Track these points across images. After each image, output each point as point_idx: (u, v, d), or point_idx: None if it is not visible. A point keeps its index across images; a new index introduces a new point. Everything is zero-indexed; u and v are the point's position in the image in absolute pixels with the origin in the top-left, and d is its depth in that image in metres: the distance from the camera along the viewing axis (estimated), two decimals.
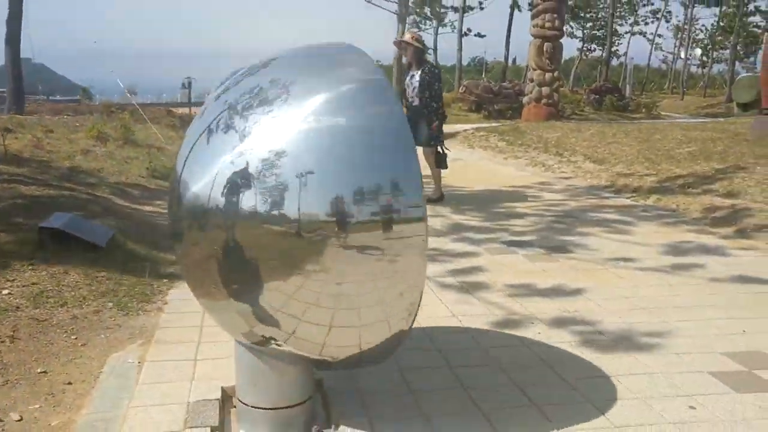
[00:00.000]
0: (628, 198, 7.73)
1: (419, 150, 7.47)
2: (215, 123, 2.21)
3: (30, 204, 5.37)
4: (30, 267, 4.04)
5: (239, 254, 2.11)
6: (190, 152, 2.25)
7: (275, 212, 2.02)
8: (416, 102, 7.11)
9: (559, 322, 3.68)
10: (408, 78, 7.26)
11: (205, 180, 2.13)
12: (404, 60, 7.49)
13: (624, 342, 3.40)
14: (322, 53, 2.45)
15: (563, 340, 3.42)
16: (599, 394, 2.83)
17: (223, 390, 2.81)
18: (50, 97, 21.19)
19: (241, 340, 2.44)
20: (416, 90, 7.08)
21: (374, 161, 2.09)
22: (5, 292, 3.66)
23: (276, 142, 2.06)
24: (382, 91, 2.23)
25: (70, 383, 2.91)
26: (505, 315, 3.80)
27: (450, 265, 4.82)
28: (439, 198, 7.44)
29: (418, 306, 2.27)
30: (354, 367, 2.72)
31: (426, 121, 7.09)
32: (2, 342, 3.15)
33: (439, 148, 7.28)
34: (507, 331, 3.56)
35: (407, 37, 7.41)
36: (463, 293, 4.18)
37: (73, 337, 3.34)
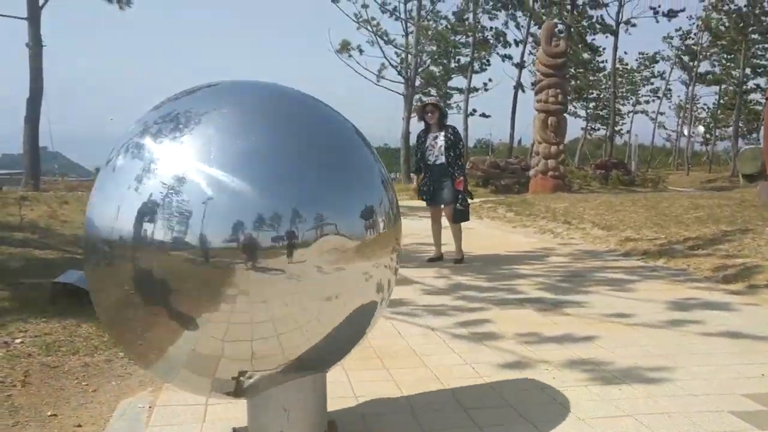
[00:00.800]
0: (637, 259, 7.72)
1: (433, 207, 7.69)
2: (123, 150, 2.16)
3: (44, 264, 5.44)
4: (43, 319, 4.06)
5: (150, 290, 2.04)
6: (95, 185, 2.21)
7: (182, 240, 1.97)
8: (441, 160, 7.37)
9: (572, 366, 3.63)
10: (431, 139, 7.47)
11: (108, 211, 2.07)
12: (423, 122, 7.68)
13: (640, 385, 3.35)
14: (243, 85, 2.43)
15: (578, 383, 3.38)
16: (615, 431, 2.78)
17: (234, 430, 2.78)
18: (64, 177, 21.64)
19: (214, 393, 2.37)
20: (442, 149, 7.37)
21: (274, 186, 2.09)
22: (18, 340, 3.67)
23: (179, 168, 2.03)
24: (282, 117, 2.27)
25: (80, 425, 2.89)
26: (517, 360, 3.76)
27: (457, 318, 4.79)
28: (461, 259, 7.58)
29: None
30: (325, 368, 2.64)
31: (452, 179, 7.37)
32: (14, 386, 3.15)
33: (459, 204, 7.45)
34: (520, 375, 3.51)
35: (433, 100, 7.86)
36: (473, 342, 4.14)
37: (84, 383, 3.33)
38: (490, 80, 33.56)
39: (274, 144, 2.18)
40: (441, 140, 7.41)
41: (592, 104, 46.53)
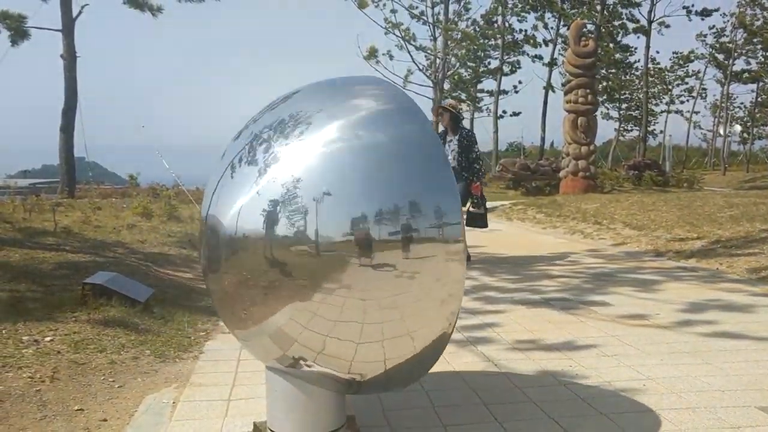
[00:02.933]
0: (668, 259, 7.59)
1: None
2: (237, 159, 2.33)
3: (75, 267, 5.56)
4: (73, 319, 4.15)
5: (266, 277, 2.18)
6: (215, 190, 2.35)
7: (298, 235, 2.09)
8: (454, 164, 7.27)
9: (596, 364, 3.59)
10: (447, 142, 7.41)
11: (231, 212, 2.22)
12: (440, 127, 7.67)
13: (665, 381, 3.29)
14: (341, 84, 2.53)
15: (601, 380, 3.34)
16: (641, 426, 2.74)
17: (255, 425, 2.80)
18: (99, 185, 22.08)
19: (273, 366, 2.46)
20: (455, 153, 7.29)
21: (395, 180, 2.16)
22: (48, 339, 3.76)
23: (295, 169, 2.15)
24: (402, 113, 2.31)
25: (105, 420, 2.94)
26: (540, 358, 3.72)
27: (482, 317, 4.76)
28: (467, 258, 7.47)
29: (451, 326, 2.27)
30: (383, 390, 2.71)
31: (467, 183, 7.27)
32: (42, 381, 3.22)
33: (471, 207, 7.36)
34: (542, 372, 3.48)
35: (446, 103, 7.73)
36: (496, 341, 4.12)
37: (110, 379, 3.39)
38: (520, 82, 33.46)
39: (388, 143, 2.22)
40: (454, 144, 7.33)
41: (624, 105, 45.90)
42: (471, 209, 7.35)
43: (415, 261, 2.12)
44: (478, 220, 7.37)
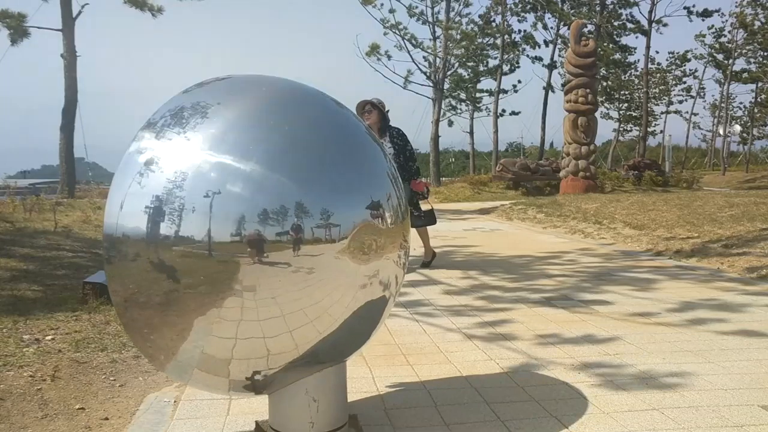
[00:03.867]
0: (669, 258, 7.59)
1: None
2: (133, 147, 2.15)
3: (75, 266, 5.56)
4: (73, 318, 4.14)
5: (158, 287, 2.01)
6: (112, 183, 2.18)
7: (186, 234, 1.96)
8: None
9: (598, 362, 3.58)
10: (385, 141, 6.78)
11: (114, 208, 2.06)
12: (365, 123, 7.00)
13: (668, 380, 3.29)
14: (250, 78, 2.42)
15: (603, 378, 3.33)
16: (641, 425, 2.73)
17: (257, 424, 2.79)
18: (100, 185, 22.08)
19: (233, 392, 2.37)
20: (391, 155, 6.63)
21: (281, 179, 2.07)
22: (49, 337, 3.75)
23: (183, 163, 2.02)
24: (290, 111, 2.25)
25: (107, 418, 2.94)
26: (542, 357, 3.72)
27: (482, 317, 4.76)
28: (432, 258, 7.22)
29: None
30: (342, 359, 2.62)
31: (410, 183, 6.77)
32: (44, 380, 3.22)
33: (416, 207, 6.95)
34: (545, 371, 3.48)
35: (374, 99, 6.84)
36: (498, 340, 4.11)
37: (111, 378, 3.39)
38: (519, 81, 33.45)
39: (280, 138, 2.17)
40: (387, 145, 6.67)
41: (624, 105, 45.91)
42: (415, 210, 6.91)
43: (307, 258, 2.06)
44: (423, 219, 6.97)
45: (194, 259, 1.98)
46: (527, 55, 33.77)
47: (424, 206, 7.06)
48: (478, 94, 36.15)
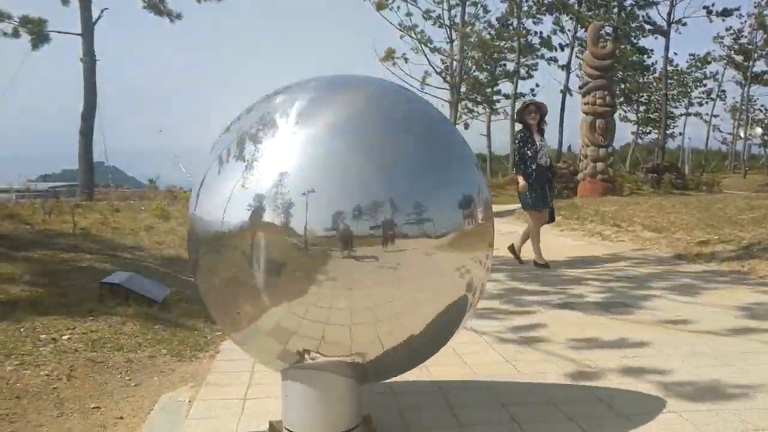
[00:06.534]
0: (689, 262, 7.49)
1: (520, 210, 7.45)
2: (225, 152, 2.29)
3: (93, 267, 5.59)
4: (90, 318, 4.16)
5: (256, 272, 2.15)
6: (201, 184, 2.32)
7: (285, 228, 2.08)
8: (544, 162, 7.25)
9: (617, 366, 3.54)
10: (539, 139, 7.24)
11: (217, 206, 2.20)
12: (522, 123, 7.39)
13: (688, 384, 3.23)
14: (334, 81, 2.49)
15: (622, 382, 3.28)
16: (660, 427, 2.68)
17: (271, 424, 2.78)
18: (119, 188, 22.27)
19: (279, 364, 2.43)
20: (545, 151, 7.32)
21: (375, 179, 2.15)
22: (65, 337, 3.77)
23: (282, 164, 2.13)
24: (387, 111, 2.33)
25: (121, 417, 2.94)
26: (561, 360, 3.68)
27: (501, 320, 4.72)
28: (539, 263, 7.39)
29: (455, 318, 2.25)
30: (389, 376, 2.68)
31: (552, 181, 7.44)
32: (60, 379, 3.23)
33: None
34: (563, 374, 3.44)
35: (536, 100, 7.63)
36: (516, 343, 4.07)
37: (126, 378, 3.40)
38: (537, 85, 33.28)
39: (372, 136, 2.23)
40: (544, 143, 7.33)
41: (642, 108, 45.48)
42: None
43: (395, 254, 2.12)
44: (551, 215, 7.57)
45: (293, 251, 2.09)
46: (543, 57, 33.60)
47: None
48: (495, 97, 36.01)
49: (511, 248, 7.63)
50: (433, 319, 2.31)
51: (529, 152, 7.19)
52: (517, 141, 7.48)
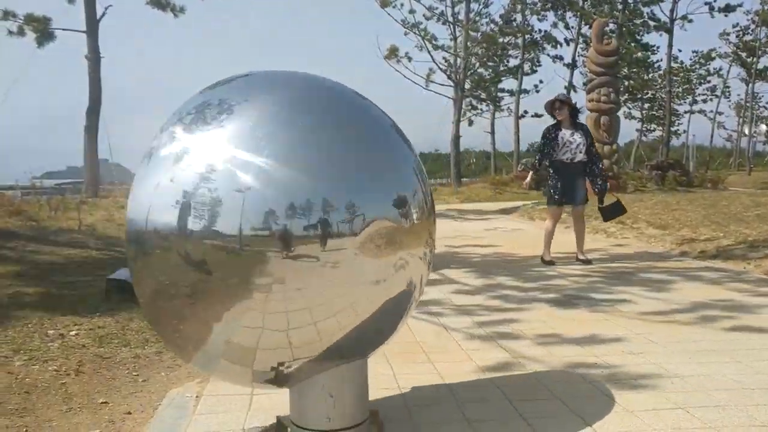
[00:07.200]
0: (693, 258, 7.49)
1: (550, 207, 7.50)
2: (158, 143, 2.19)
3: (99, 263, 5.62)
4: (97, 314, 4.19)
5: (188, 280, 2.04)
6: (134, 179, 2.23)
7: (215, 229, 1.98)
8: (579, 158, 7.11)
9: (622, 361, 3.54)
10: (567, 136, 7.13)
11: (143, 203, 2.10)
12: (553, 118, 7.37)
13: (693, 379, 3.24)
14: (272, 75, 2.43)
15: (628, 377, 3.29)
16: (666, 423, 2.69)
17: (279, 419, 2.80)
18: (123, 185, 22.34)
19: (256, 383, 2.40)
20: (581, 146, 7.10)
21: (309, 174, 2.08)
22: (73, 333, 3.80)
23: (213, 158, 2.04)
24: (315, 107, 2.26)
25: (129, 413, 2.96)
26: (565, 355, 3.68)
27: (504, 315, 4.73)
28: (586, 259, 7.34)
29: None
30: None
31: (590, 179, 7.26)
32: (68, 374, 3.25)
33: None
34: (568, 369, 3.44)
35: (562, 96, 7.47)
36: (521, 339, 4.08)
37: (134, 373, 3.42)
38: (541, 81, 33.24)
39: (307, 133, 2.17)
40: (579, 138, 7.11)
41: (646, 105, 45.41)
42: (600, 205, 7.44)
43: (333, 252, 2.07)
44: (619, 209, 7.64)
45: (225, 254, 2.00)
46: (548, 54, 33.57)
47: (609, 199, 7.52)
48: (499, 94, 35.99)
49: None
50: (374, 314, 2.26)
51: (545, 148, 7.22)
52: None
